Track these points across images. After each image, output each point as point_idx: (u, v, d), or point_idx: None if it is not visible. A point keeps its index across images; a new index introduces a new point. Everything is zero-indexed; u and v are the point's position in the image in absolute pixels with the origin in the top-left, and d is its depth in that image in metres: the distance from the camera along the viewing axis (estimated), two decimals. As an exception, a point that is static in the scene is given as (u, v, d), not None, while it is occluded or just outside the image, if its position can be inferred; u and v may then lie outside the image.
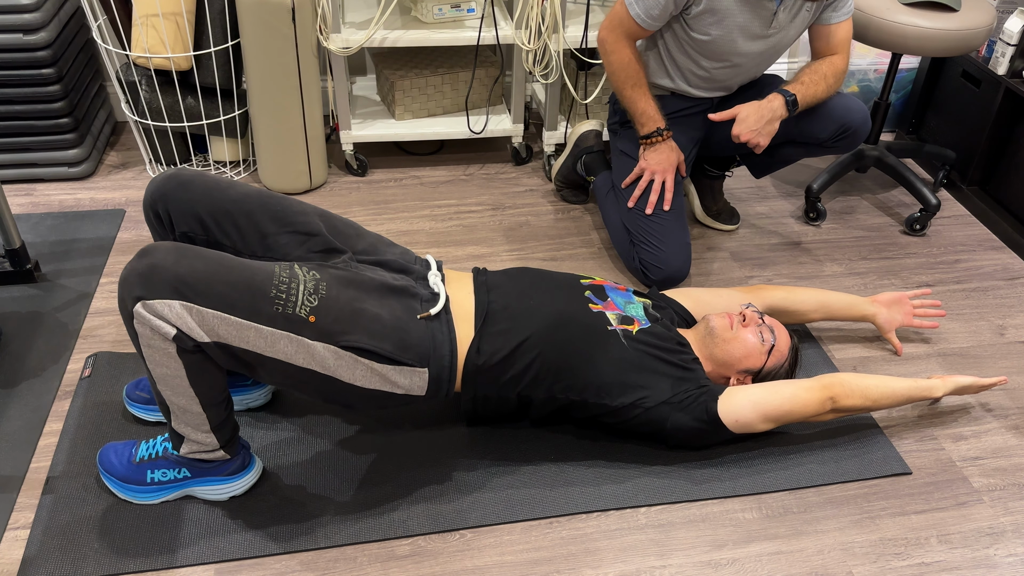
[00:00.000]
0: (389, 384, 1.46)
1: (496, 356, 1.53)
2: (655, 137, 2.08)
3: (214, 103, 2.40)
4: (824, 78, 2.01)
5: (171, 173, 1.53)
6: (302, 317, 1.37)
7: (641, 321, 1.66)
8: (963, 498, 1.65)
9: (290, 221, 1.55)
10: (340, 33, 2.34)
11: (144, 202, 1.53)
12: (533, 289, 1.63)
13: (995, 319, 2.12)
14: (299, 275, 1.41)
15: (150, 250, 1.33)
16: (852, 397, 1.64)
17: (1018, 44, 2.30)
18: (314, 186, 2.51)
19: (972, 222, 2.49)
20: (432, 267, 1.63)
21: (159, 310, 1.28)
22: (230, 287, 1.33)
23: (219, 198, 1.52)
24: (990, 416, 1.83)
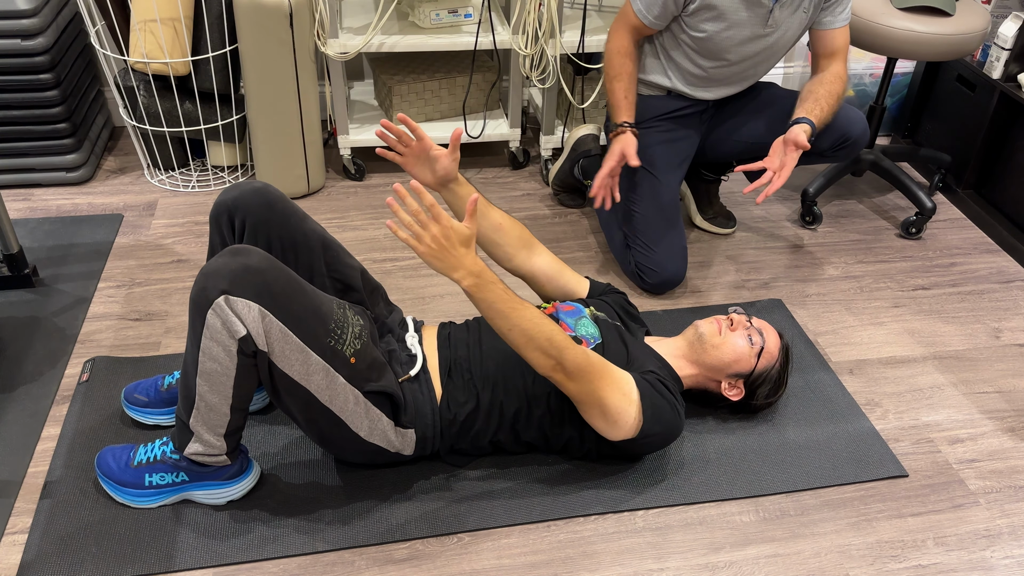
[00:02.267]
0: (385, 440, 1.52)
1: (464, 409, 1.57)
2: (617, 129, 2.06)
3: (212, 108, 2.40)
4: (838, 99, 2.01)
5: (259, 187, 1.56)
6: (346, 356, 1.41)
7: (589, 340, 1.64)
8: (959, 500, 1.65)
9: (339, 270, 1.62)
10: (338, 38, 2.35)
11: (219, 205, 1.55)
12: (487, 334, 1.65)
13: (991, 322, 2.13)
14: (349, 317, 1.47)
15: (244, 251, 1.35)
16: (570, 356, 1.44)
17: (1012, 48, 2.31)
18: (312, 190, 2.51)
19: (967, 225, 2.50)
20: (410, 328, 1.66)
21: (239, 308, 1.31)
22: (304, 309, 1.38)
23: (294, 227, 1.57)
24: (986, 419, 1.84)
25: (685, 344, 1.73)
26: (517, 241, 1.73)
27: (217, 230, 1.58)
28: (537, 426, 1.60)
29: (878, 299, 2.19)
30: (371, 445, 1.50)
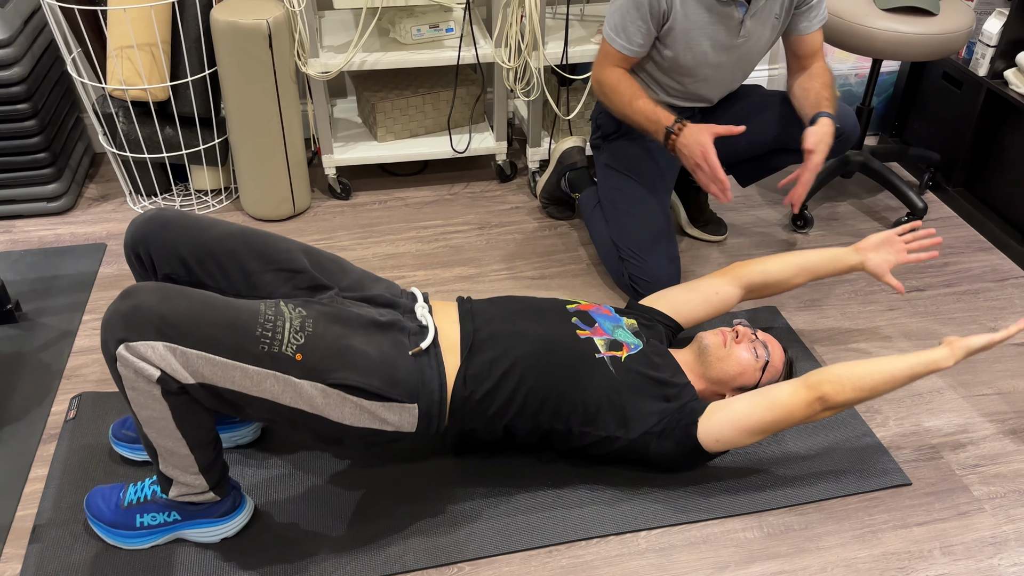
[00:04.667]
0: (379, 421, 1.43)
1: (482, 387, 1.51)
2: (671, 135, 1.89)
3: (193, 132, 2.37)
4: (834, 88, 1.98)
5: (151, 214, 1.50)
6: (288, 355, 1.34)
7: (630, 345, 1.64)
8: (964, 507, 1.64)
9: (275, 259, 1.52)
10: (318, 57, 2.32)
11: (125, 245, 1.50)
12: (518, 316, 1.61)
13: (987, 321, 2.11)
14: (285, 312, 1.39)
15: (133, 291, 1.30)
16: (844, 392, 1.52)
17: (997, 45, 2.30)
18: (297, 212, 2.48)
19: (959, 224, 2.49)
20: (419, 299, 1.61)
21: (142, 352, 1.26)
22: (215, 327, 1.30)
23: (201, 238, 1.49)
24: (987, 421, 1.82)
25: (692, 357, 1.71)
26: (783, 273, 1.88)
27: (135, 271, 1.53)
28: (565, 419, 1.55)
29: (873, 303, 2.17)
30: (364, 429, 1.42)
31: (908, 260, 1.86)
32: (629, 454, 1.60)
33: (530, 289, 2.20)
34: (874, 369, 1.53)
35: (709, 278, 1.88)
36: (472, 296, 2.16)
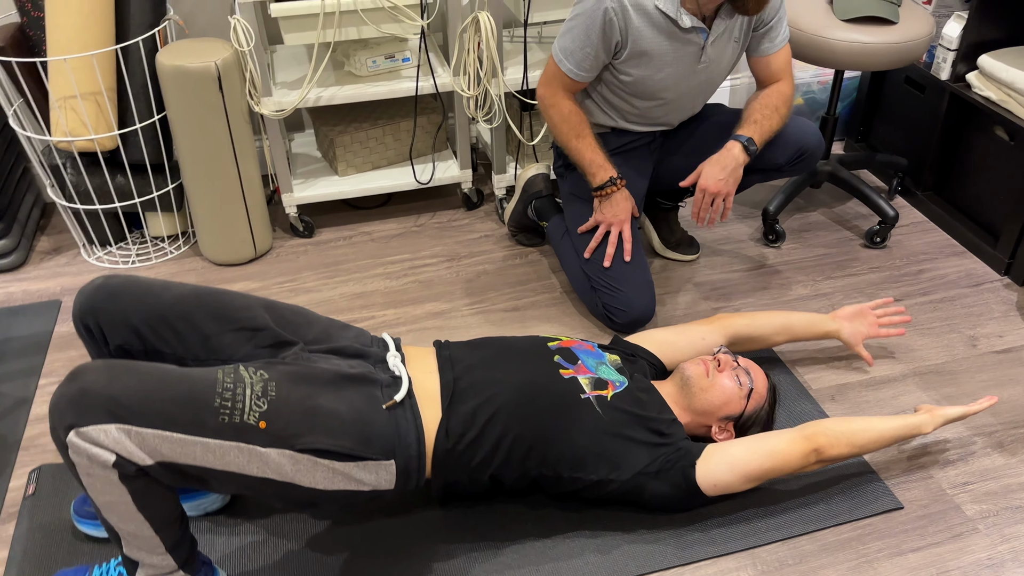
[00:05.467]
0: (354, 483, 1.37)
1: (466, 437, 1.45)
2: (608, 187, 2.01)
3: (145, 179, 2.29)
4: (776, 110, 1.97)
5: (98, 284, 1.43)
6: (251, 424, 1.28)
7: (615, 383, 1.59)
8: (958, 529, 1.61)
9: (233, 318, 1.45)
10: (272, 96, 2.25)
11: (73, 316, 1.43)
12: (499, 359, 1.56)
13: (965, 330, 2.09)
14: (245, 378, 1.32)
15: (79, 372, 1.23)
16: (838, 446, 1.58)
17: (958, 48, 2.29)
18: (259, 254, 2.40)
19: (931, 228, 2.48)
20: (390, 347, 1.55)
21: (94, 437, 1.18)
22: (170, 402, 1.24)
23: (152, 304, 1.42)
24: (974, 436, 1.80)
25: (675, 389, 1.67)
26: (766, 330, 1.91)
27: (86, 343, 1.46)
28: (554, 465, 1.50)
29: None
30: (338, 492, 1.35)
31: (879, 335, 1.94)
32: (623, 496, 1.55)
33: (505, 323, 2.14)
34: (866, 427, 1.61)
35: (695, 324, 1.85)
36: (446, 334, 2.10)
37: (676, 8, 1.82)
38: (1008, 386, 1.92)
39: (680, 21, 1.83)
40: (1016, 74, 2.13)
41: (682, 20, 1.83)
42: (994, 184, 2.33)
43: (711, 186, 1.93)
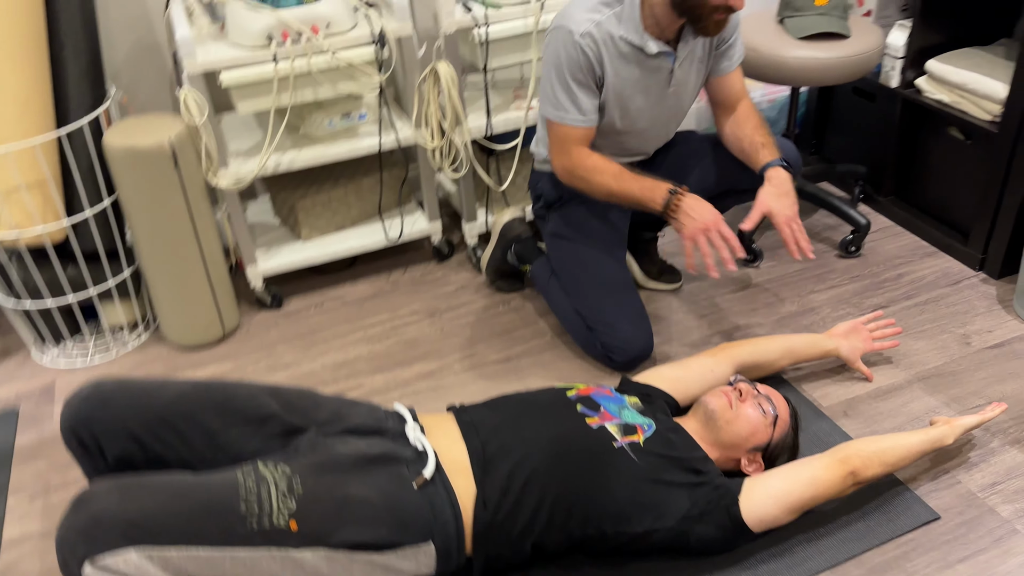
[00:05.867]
0: (393, 573, 1.27)
1: (504, 506, 1.37)
2: (672, 202, 1.83)
3: (99, 267, 2.15)
4: (766, 127, 1.97)
5: (87, 392, 1.30)
6: (281, 527, 1.18)
7: (644, 427, 1.54)
8: (998, 533, 1.59)
9: (237, 409, 1.35)
10: (228, 167, 2.15)
11: (63, 430, 1.30)
12: (523, 418, 1.48)
13: (956, 328, 2.12)
14: (266, 476, 1.22)
15: (86, 498, 1.11)
16: (872, 467, 1.56)
17: (905, 56, 2.35)
18: (227, 332, 2.28)
19: (900, 232, 2.52)
20: (407, 419, 1.46)
21: (113, 566, 1.07)
22: (191, 515, 1.13)
23: (150, 405, 1.30)
24: (990, 435, 1.80)
25: (699, 425, 1.62)
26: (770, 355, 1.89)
27: (78, 456, 1.34)
28: (597, 522, 1.42)
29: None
30: None
31: (874, 348, 1.97)
32: (669, 544, 1.48)
33: (500, 375, 2.07)
34: (895, 445, 1.61)
35: (700, 357, 1.82)
36: (440, 395, 2.01)
37: (640, 35, 1.80)
38: (1009, 381, 1.94)
39: (647, 48, 1.81)
40: (967, 75, 2.18)
41: (648, 46, 1.81)
42: (955, 183, 2.39)
43: (791, 215, 1.83)
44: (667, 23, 1.80)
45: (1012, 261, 2.25)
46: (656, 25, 1.81)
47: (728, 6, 1.70)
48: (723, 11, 1.72)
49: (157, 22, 2.31)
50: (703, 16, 1.73)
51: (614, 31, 1.80)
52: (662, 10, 1.77)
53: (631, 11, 1.79)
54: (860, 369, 1.95)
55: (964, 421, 1.69)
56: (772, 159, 1.91)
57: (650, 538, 1.47)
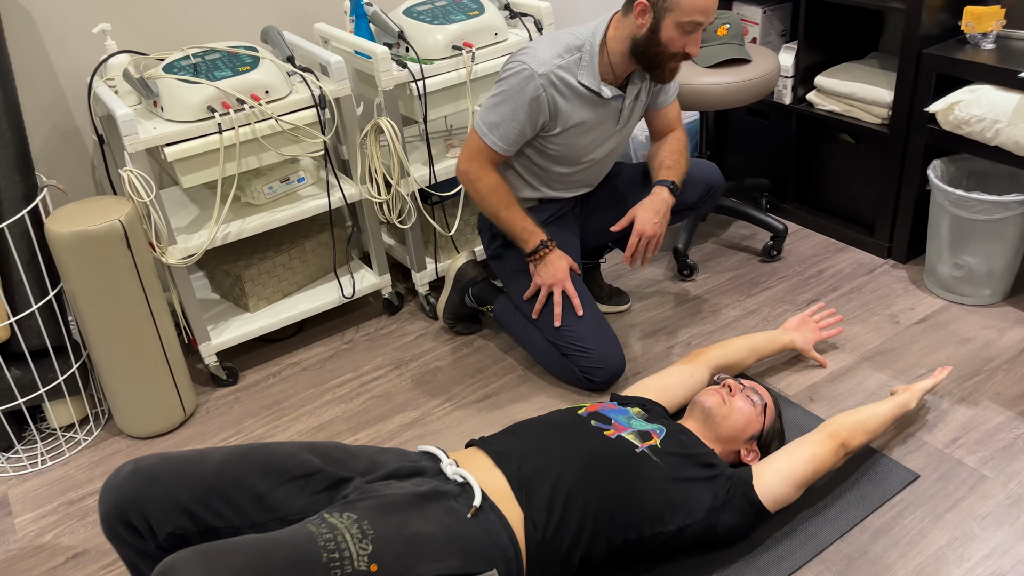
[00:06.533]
0: None
1: (551, 524, 1.41)
2: (541, 250, 2.07)
3: (46, 364, 2.03)
4: (682, 154, 2.13)
5: (129, 471, 1.25)
6: (364, 570, 1.17)
7: (656, 432, 1.62)
8: (970, 481, 1.76)
9: (282, 469, 1.33)
10: (176, 243, 2.10)
11: (106, 516, 1.23)
12: (547, 439, 1.53)
13: (883, 311, 2.33)
14: (336, 524, 1.21)
15: (170, 569, 1.06)
16: (857, 436, 1.71)
17: (795, 75, 2.60)
18: (188, 415, 2.19)
19: (809, 233, 2.75)
20: (441, 457, 1.47)
21: None
22: (279, 573, 1.10)
23: (197, 476, 1.27)
24: (939, 399, 2.00)
25: (699, 424, 1.72)
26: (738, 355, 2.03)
27: (123, 543, 1.29)
28: (636, 526, 1.49)
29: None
30: None
31: (822, 337, 2.16)
32: (699, 538, 1.55)
33: (484, 412, 2.10)
34: (871, 414, 1.77)
35: (678, 366, 1.93)
36: (431, 441, 2.02)
37: (597, 82, 1.94)
38: (941, 349, 2.16)
39: (602, 93, 1.95)
40: (854, 85, 2.45)
41: (604, 92, 1.95)
42: (853, 183, 2.65)
43: (648, 229, 2.03)
44: (621, 70, 1.95)
45: (916, 245, 2.51)
46: (611, 72, 1.95)
47: (685, 54, 1.86)
48: (679, 59, 1.88)
49: (76, 107, 2.24)
50: (661, 63, 1.89)
51: (573, 76, 1.92)
52: (619, 59, 1.92)
53: (590, 60, 1.92)
54: (815, 357, 2.12)
55: (921, 385, 1.88)
56: (664, 179, 2.09)
57: (683, 534, 1.54)
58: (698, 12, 1.81)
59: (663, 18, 1.83)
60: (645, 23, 1.86)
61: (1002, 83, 2.06)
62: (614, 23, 1.93)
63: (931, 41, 2.24)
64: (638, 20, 1.86)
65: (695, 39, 1.86)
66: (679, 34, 1.84)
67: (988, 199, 2.11)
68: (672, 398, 1.87)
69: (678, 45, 1.86)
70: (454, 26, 2.26)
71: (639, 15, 1.86)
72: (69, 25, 2.16)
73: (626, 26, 1.90)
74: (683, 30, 1.84)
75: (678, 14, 1.82)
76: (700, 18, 1.82)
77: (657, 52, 1.87)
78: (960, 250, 2.24)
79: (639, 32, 1.87)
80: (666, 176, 2.09)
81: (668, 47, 1.86)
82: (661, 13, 1.83)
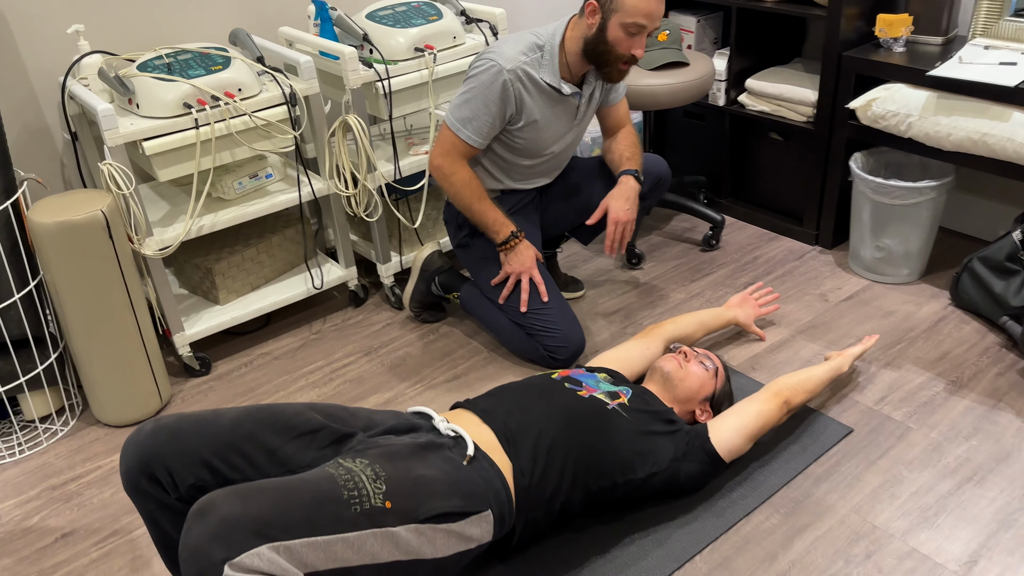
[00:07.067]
0: (465, 541, 1.41)
1: (536, 472, 1.55)
2: (511, 241, 2.22)
3: (26, 354, 2.07)
4: (637, 147, 2.32)
5: (152, 428, 1.34)
6: (380, 507, 1.30)
7: (623, 392, 1.78)
8: (898, 432, 1.98)
9: (290, 426, 1.44)
10: (152, 235, 2.17)
11: (129, 472, 1.32)
12: (528, 399, 1.67)
13: (813, 291, 2.56)
14: (352, 467, 1.34)
15: (209, 505, 1.17)
16: (798, 395, 1.91)
17: (728, 79, 2.82)
18: (164, 403, 2.25)
19: (743, 225, 2.97)
20: (432, 415, 1.60)
21: (250, 564, 1.14)
22: (307, 508, 1.23)
23: (216, 432, 1.37)
24: (867, 364, 2.22)
25: (659, 386, 1.88)
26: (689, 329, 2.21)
27: (146, 497, 1.38)
28: (609, 474, 1.64)
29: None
30: (454, 556, 1.41)
31: (761, 313, 2.36)
32: (664, 486, 1.72)
33: (454, 391, 2.22)
34: (809, 376, 1.97)
35: (635, 340, 2.11)
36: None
37: (557, 80, 2.10)
38: (866, 322, 2.39)
39: (562, 89, 2.11)
40: (782, 87, 2.68)
41: (563, 89, 2.12)
42: (781, 177, 2.88)
43: (622, 216, 2.20)
44: (577, 69, 2.12)
45: (840, 232, 2.75)
46: (568, 71, 2.12)
47: (632, 56, 2.04)
48: (627, 61, 2.06)
49: (46, 106, 2.29)
50: (609, 63, 2.06)
51: (536, 73, 2.08)
52: (575, 59, 2.10)
53: (551, 59, 2.09)
54: (755, 331, 2.32)
55: (852, 351, 2.09)
56: (628, 169, 2.28)
57: (651, 482, 1.70)
58: (641, 15, 1.99)
59: (609, 18, 2.01)
60: (595, 23, 2.03)
61: (913, 81, 2.31)
62: (571, 25, 2.11)
63: (849, 45, 2.49)
64: (588, 20, 2.04)
65: (639, 42, 2.05)
66: (624, 35, 2.02)
67: (905, 185, 2.36)
68: (631, 368, 2.03)
69: (624, 46, 2.04)
70: (415, 30, 2.40)
71: (589, 15, 2.03)
72: (39, 26, 2.21)
73: (580, 27, 2.08)
74: (627, 31, 2.02)
75: (623, 15, 2.00)
76: (643, 21, 2.00)
77: (605, 51, 2.05)
78: (880, 233, 2.48)
79: (589, 32, 2.05)
80: (629, 166, 2.26)
81: (615, 47, 2.04)
82: (608, 14, 2.01)
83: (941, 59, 2.32)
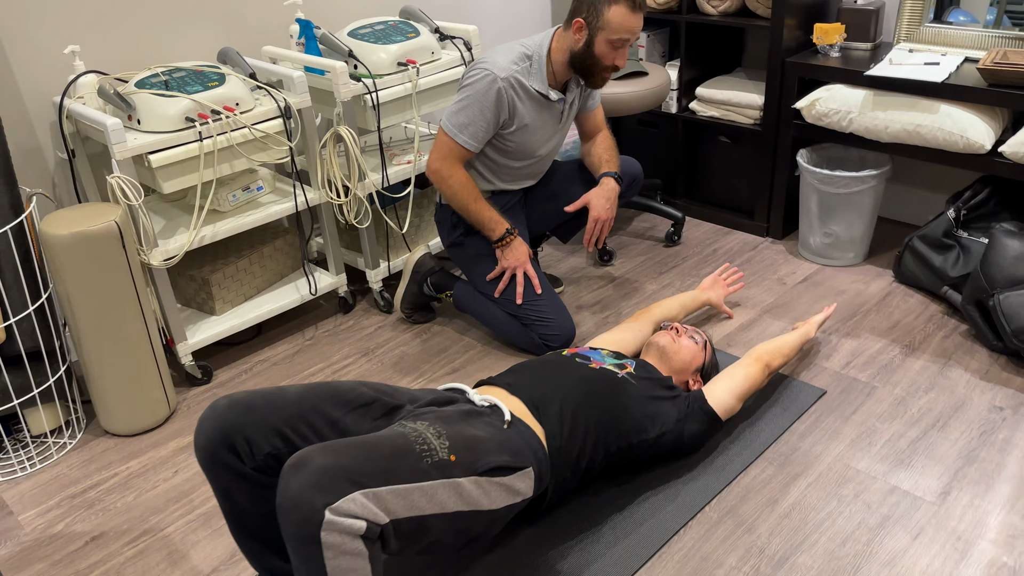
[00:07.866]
0: (513, 494, 1.55)
1: (564, 434, 1.70)
2: (507, 238, 2.37)
3: (39, 367, 2.09)
4: (615, 150, 2.51)
5: (227, 403, 1.44)
6: (446, 459, 1.42)
7: (629, 363, 1.95)
8: (866, 391, 2.21)
9: (348, 399, 1.55)
10: (158, 246, 2.23)
11: (205, 446, 1.41)
12: (548, 374, 1.82)
13: (771, 276, 2.79)
14: (417, 426, 1.46)
15: (305, 459, 1.27)
16: (777, 358, 2.12)
17: (679, 87, 3.06)
18: (171, 411, 2.30)
19: (699, 222, 3.21)
20: (466, 389, 1.73)
21: (347, 508, 1.25)
22: (388, 459, 1.34)
23: (284, 405, 1.47)
24: (829, 335, 2.45)
25: (656, 359, 2.06)
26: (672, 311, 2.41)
27: (223, 468, 1.47)
28: (626, 435, 1.81)
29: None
30: (504, 508, 1.52)
31: (730, 291, 2.58)
32: (670, 445, 1.89)
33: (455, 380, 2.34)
34: (784, 342, 2.19)
35: (627, 323, 2.29)
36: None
37: (545, 87, 2.28)
38: (822, 300, 2.63)
39: (549, 96, 2.29)
40: (730, 93, 2.93)
41: (550, 95, 2.29)
42: (732, 176, 3.13)
43: (602, 214, 2.38)
44: (561, 77, 2.30)
45: (789, 223, 3.01)
46: (555, 78, 2.30)
47: (615, 66, 2.24)
48: (610, 70, 2.25)
49: (39, 126, 2.33)
50: (595, 73, 2.25)
51: (526, 81, 2.25)
52: (560, 68, 2.28)
53: (539, 68, 2.26)
54: (725, 310, 2.54)
55: (816, 319, 2.33)
56: (608, 171, 2.47)
57: (660, 441, 1.86)
58: (625, 31, 2.19)
59: (596, 35, 2.20)
60: (581, 38, 2.22)
61: (850, 82, 2.59)
62: (556, 36, 2.29)
63: (791, 52, 2.76)
64: (575, 35, 2.23)
65: (623, 53, 2.24)
66: (609, 49, 2.22)
67: (848, 175, 2.62)
68: (627, 347, 2.20)
69: (609, 59, 2.23)
70: (395, 46, 2.54)
71: (576, 31, 2.22)
72: (32, 47, 2.26)
73: (565, 40, 2.26)
74: (613, 46, 2.21)
75: (608, 32, 2.19)
76: (627, 35, 2.20)
77: (592, 63, 2.24)
78: (828, 221, 2.74)
79: (576, 46, 2.24)
80: (609, 168, 2.45)
81: (601, 60, 2.23)
82: (595, 31, 2.20)
83: (873, 62, 2.60)
